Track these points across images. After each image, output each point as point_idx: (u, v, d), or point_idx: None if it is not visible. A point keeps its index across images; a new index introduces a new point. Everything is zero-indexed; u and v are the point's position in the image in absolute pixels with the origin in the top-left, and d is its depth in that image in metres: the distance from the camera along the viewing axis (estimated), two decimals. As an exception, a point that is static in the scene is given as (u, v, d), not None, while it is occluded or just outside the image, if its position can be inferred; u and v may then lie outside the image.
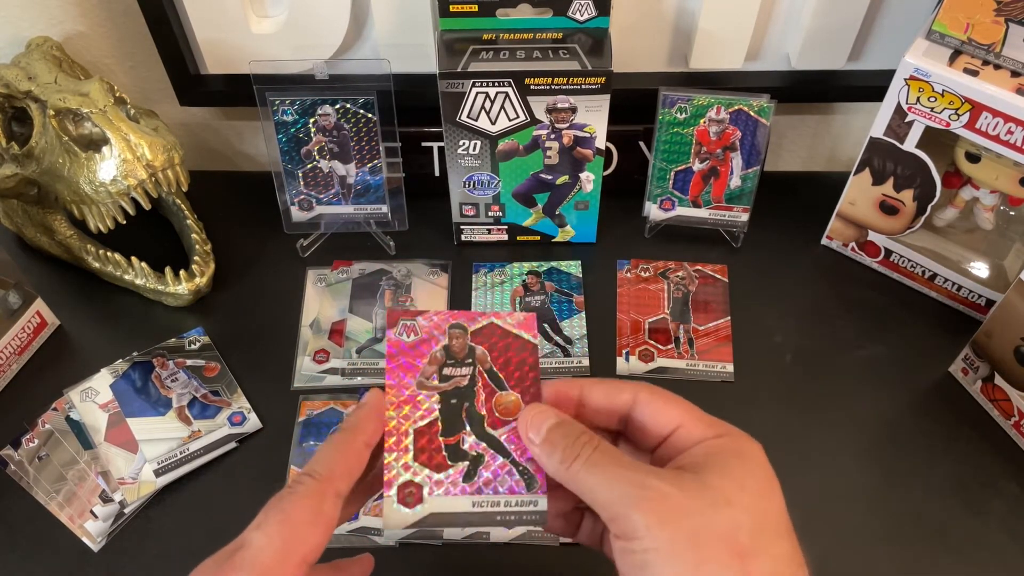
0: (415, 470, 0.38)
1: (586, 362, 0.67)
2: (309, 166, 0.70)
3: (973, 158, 0.63)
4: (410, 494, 0.37)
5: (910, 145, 0.63)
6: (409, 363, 0.39)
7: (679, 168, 0.71)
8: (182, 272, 0.69)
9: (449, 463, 0.38)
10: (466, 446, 0.38)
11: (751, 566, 0.32)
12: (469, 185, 0.70)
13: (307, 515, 0.35)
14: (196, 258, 0.70)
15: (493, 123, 0.65)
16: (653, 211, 0.74)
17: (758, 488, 0.34)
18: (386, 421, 0.38)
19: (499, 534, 0.57)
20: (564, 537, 0.40)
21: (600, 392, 0.38)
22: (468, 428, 0.38)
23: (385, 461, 0.38)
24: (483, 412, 0.39)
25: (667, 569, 0.32)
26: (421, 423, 0.38)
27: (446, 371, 0.39)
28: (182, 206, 0.73)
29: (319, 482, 0.35)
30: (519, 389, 0.39)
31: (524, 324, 0.40)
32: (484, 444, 0.38)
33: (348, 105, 0.67)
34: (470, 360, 0.39)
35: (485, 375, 0.39)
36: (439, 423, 0.38)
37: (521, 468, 0.38)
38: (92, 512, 0.59)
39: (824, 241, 0.74)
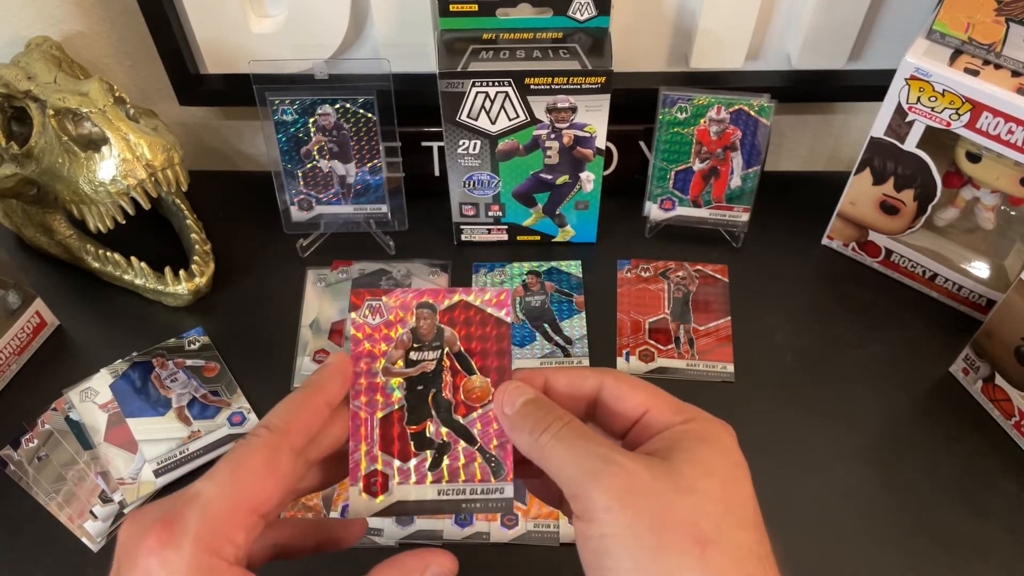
0: (380, 459, 0.37)
1: (586, 362, 0.67)
2: (309, 166, 0.70)
3: (974, 158, 0.63)
4: (375, 483, 0.37)
5: (911, 145, 0.63)
6: (374, 347, 0.38)
7: (679, 168, 0.71)
8: (182, 272, 0.69)
9: (415, 452, 0.38)
10: (432, 434, 0.38)
11: (710, 554, 0.31)
12: (469, 185, 0.70)
13: (259, 465, 0.34)
14: (196, 258, 0.70)
15: (493, 123, 0.65)
16: (653, 211, 0.74)
17: (725, 475, 0.33)
18: (351, 410, 0.38)
19: (499, 534, 0.57)
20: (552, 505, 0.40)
21: (565, 379, 0.37)
22: (434, 415, 0.38)
23: (350, 450, 0.37)
24: (450, 399, 0.38)
25: (625, 555, 0.31)
26: (386, 411, 0.38)
27: (412, 355, 0.38)
28: (182, 206, 0.73)
29: (274, 434, 0.35)
30: (488, 372, 0.38)
31: (496, 302, 0.38)
32: (450, 431, 0.38)
33: (348, 105, 0.67)
34: (438, 343, 0.38)
35: (453, 358, 0.38)
36: (404, 411, 0.38)
37: (488, 455, 0.37)
38: (92, 512, 0.58)
39: (824, 241, 0.74)
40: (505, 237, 0.74)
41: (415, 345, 0.38)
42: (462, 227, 0.74)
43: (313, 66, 0.67)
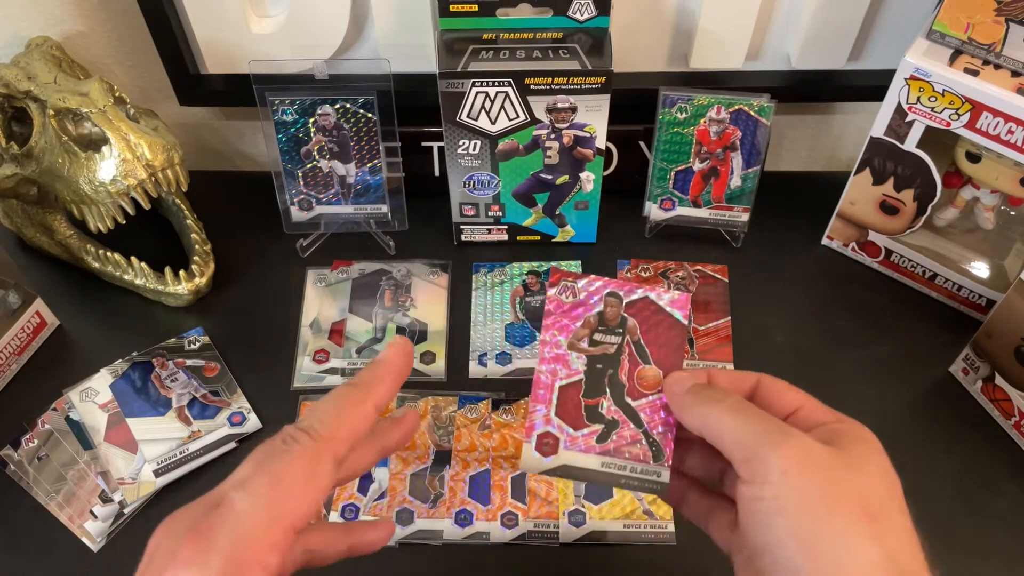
0: (555, 423, 0.40)
1: (586, 362, 0.67)
2: (309, 166, 0.70)
3: (973, 158, 0.63)
4: (547, 444, 0.40)
5: (910, 145, 0.63)
6: (564, 323, 0.41)
7: (679, 168, 0.71)
8: (182, 272, 0.69)
9: (586, 423, 0.40)
10: (603, 410, 0.40)
11: (878, 528, 0.32)
12: (469, 185, 0.70)
13: (299, 478, 0.32)
14: (196, 258, 0.70)
15: (493, 123, 0.65)
16: (653, 211, 0.74)
17: (883, 469, 0.35)
18: (536, 373, 0.40)
19: (499, 534, 0.57)
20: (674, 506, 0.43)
21: (726, 377, 0.39)
22: (608, 393, 0.40)
23: (529, 410, 0.40)
24: (625, 381, 0.41)
25: (797, 518, 0.32)
26: (566, 381, 0.41)
27: (597, 336, 0.41)
28: (182, 206, 0.73)
29: (317, 443, 0.33)
30: (661, 365, 0.40)
31: (677, 303, 0.41)
32: (620, 410, 0.40)
33: (348, 105, 0.67)
34: (620, 329, 0.41)
35: (632, 346, 0.41)
36: (583, 384, 0.41)
37: (651, 440, 0.40)
38: (92, 512, 0.59)
39: (824, 241, 0.74)
40: (505, 237, 0.74)
41: (600, 328, 0.41)
42: (462, 227, 0.74)
43: (313, 66, 0.67)
